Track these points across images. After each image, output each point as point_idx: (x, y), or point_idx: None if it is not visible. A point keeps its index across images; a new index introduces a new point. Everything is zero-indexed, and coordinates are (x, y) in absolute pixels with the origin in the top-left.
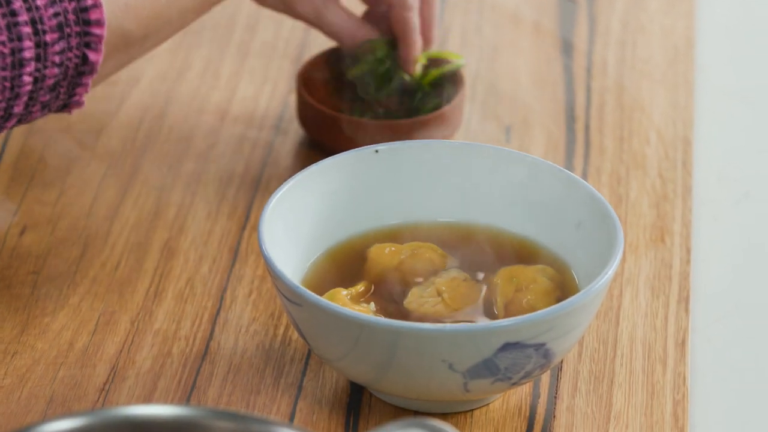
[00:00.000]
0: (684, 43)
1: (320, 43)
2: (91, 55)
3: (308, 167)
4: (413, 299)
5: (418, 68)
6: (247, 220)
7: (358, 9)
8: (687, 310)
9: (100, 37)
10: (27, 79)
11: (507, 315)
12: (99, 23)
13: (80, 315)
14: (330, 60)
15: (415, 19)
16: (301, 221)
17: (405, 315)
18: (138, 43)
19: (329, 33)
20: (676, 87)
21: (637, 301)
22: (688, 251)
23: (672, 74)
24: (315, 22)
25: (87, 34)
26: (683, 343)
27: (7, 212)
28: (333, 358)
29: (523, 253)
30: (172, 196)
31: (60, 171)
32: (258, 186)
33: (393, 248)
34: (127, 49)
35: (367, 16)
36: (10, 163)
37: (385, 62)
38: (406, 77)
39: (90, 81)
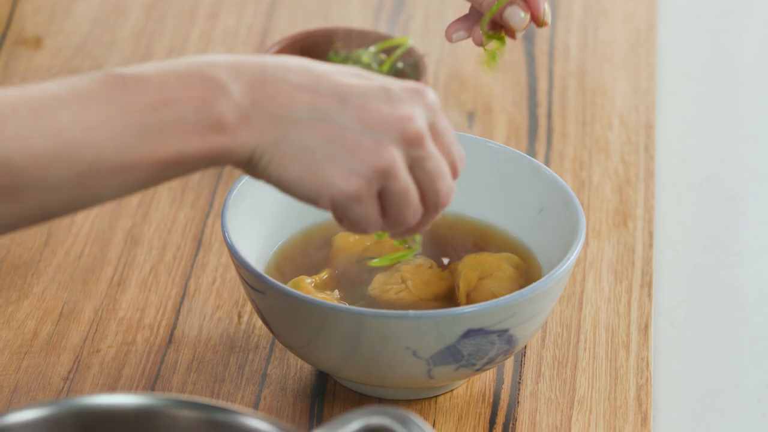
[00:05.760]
0: (645, 27)
1: (282, 29)
2: None
3: None
4: (377, 286)
5: (547, 16)
6: (211, 207)
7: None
8: (650, 295)
9: None
10: None
11: (469, 302)
12: None
13: (44, 304)
14: (292, 47)
15: None
16: (264, 209)
17: (369, 302)
18: (33, 186)
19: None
20: (638, 70)
21: (600, 286)
22: (651, 235)
23: (634, 58)
24: None
25: None
26: (646, 327)
27: None
28: (297, 346)
29: (486, 239)
30: None
31: None
32: (221, 173)
33: (357, 236)
34: (17, 192)
35: None
36: None
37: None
38: (372, 66)
39: None
